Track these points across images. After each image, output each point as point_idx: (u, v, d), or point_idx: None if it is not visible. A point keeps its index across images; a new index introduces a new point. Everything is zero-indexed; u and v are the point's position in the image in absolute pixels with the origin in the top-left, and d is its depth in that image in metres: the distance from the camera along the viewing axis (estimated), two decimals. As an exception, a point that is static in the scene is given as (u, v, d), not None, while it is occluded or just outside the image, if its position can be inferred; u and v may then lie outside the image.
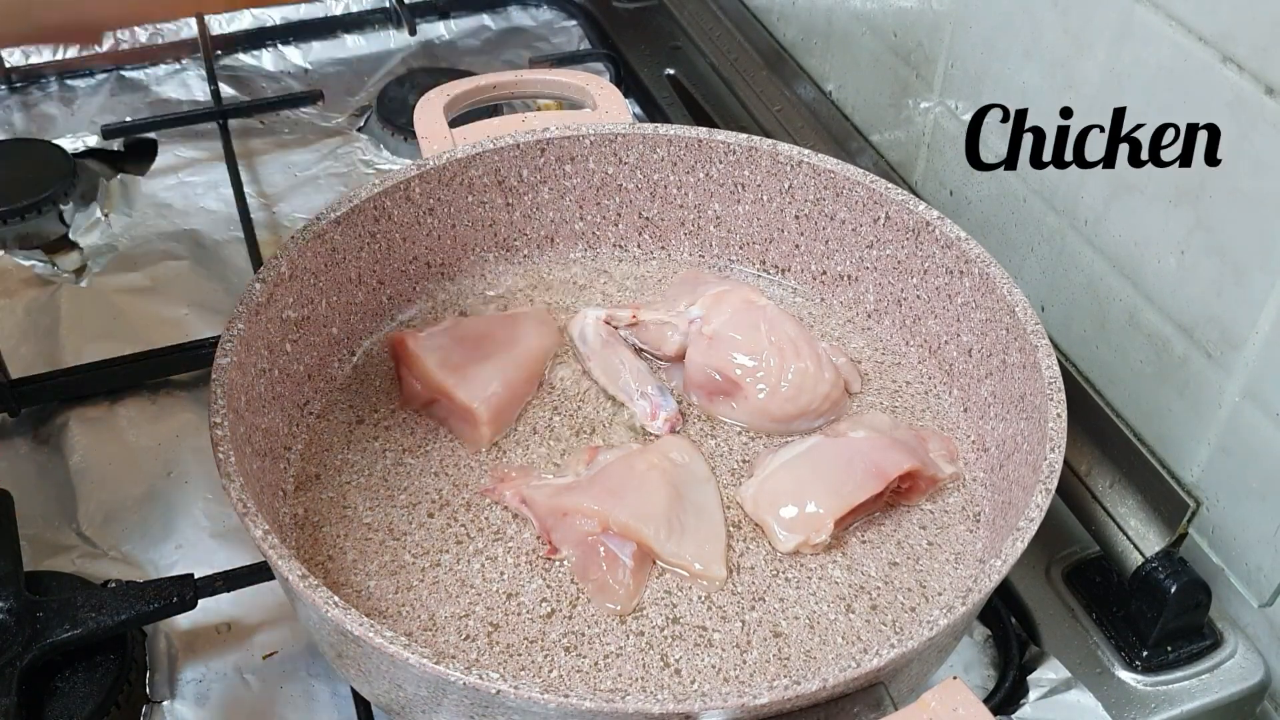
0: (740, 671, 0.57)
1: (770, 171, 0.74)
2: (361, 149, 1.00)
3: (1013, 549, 0.53)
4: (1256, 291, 0.61)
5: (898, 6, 0.86)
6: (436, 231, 0.74)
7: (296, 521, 0.63)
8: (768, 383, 0.67)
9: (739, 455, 0.67)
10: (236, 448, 0.56)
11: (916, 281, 0.71)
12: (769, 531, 0.63)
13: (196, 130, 1.00)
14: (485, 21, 1.15)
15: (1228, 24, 0.59)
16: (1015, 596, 0.68)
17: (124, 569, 0.68)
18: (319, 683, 0.64)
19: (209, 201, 0.94)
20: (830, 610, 0.60)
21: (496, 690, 0.47)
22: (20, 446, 0.76)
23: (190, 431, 0.76)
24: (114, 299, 0.86)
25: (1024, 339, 0.63)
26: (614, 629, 0.59)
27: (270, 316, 0.64)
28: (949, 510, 0.65)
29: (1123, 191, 0.68)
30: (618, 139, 0.75)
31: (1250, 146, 0.59)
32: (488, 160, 0.73)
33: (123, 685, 0.61)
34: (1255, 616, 0.67)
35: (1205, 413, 0.66)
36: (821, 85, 1.00)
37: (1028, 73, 0.74)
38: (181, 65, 1.07)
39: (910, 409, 0.70)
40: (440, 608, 0.59)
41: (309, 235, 0.67)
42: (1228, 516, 0.66)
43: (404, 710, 0.54)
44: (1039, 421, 0.60)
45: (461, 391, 0.66)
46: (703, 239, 0.78)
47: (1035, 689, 0.63)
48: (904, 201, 0.70)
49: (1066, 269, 0.74)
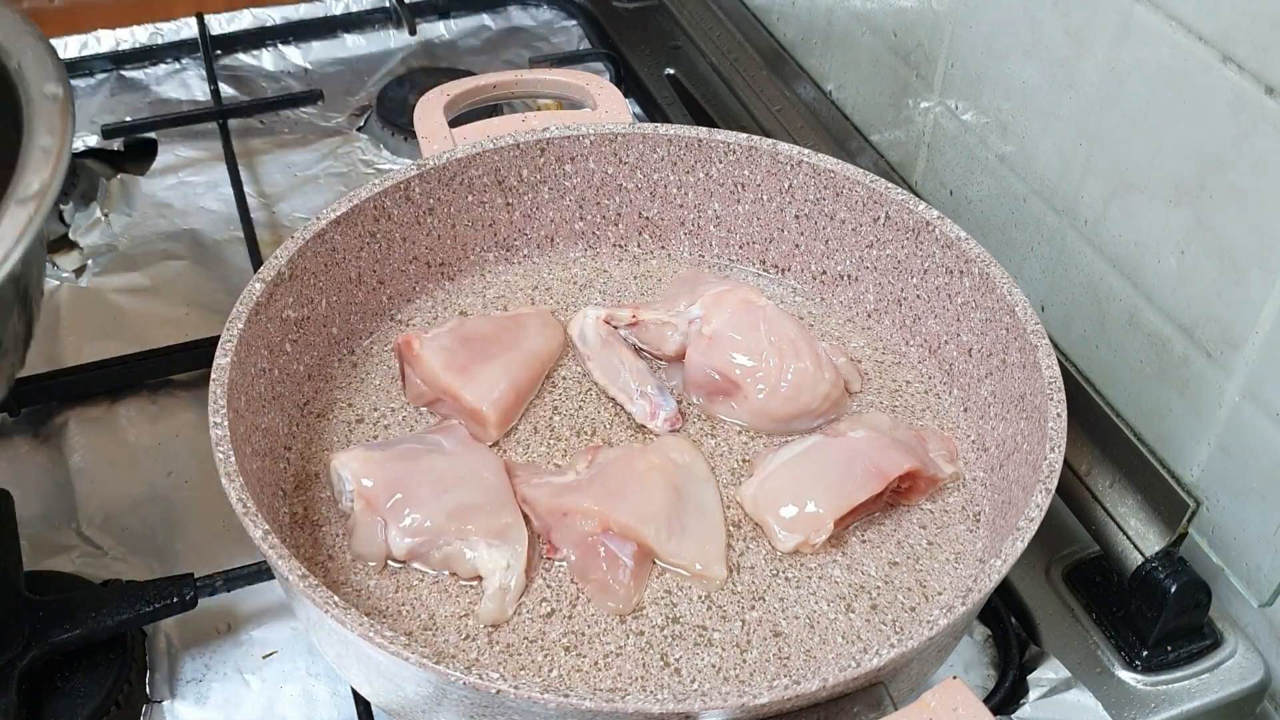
0: (740, 671, 0.57)
1: (770, 171, 0.74)
2: (361, 149, 1.00)
3: (1013, 549, 0.53)
4: (1256, 291, 0.61)
5: (898, 6, 0.86)
6: (436, 231, 0.74)
7: (296, 521, 0.63)
8: (767, 382, 0.67)
9: (739, 455, 0.67)
10: (236, 448, 0.56)
11: (916, 281, 0.71)
12: (769, 531, 0.63)
13: (196, 130, 1.00)
14: (485, 21, 1.15)
15: (1228, 24, 0.59)
16: (1015, 596, 0.68)
17: (124, 569, 0.68)
18: (319, 683, 0.64)
19: (209, 201, 0.94)
20: (830, 610, 0.60)
21: (496, 690, 0.47)
22: (20, 446, 0.76)
23: (190, 431, 0.76)
24: (114, 299, 0.86)
25: (1024, 339, 0.63)
26: (614, 629, 0.59)
27: (270, 316, 0.64)
28: (949, 510, 0.65)
29: (1123, 191, 0.68)
30: (618, 139, 0.75)
31: (1250, 146, 0.59)
32: (488, 160, 0.73)
33: (123, 685, 0.61)
34: (1255, 616, 0.67)
35: (1205, 413, 0.66)
36: (821, 85, 1.00)
37: (1028, 73, 0.74)
38: (181, 65, 1.07)
39: (910, 409, 0.70)
40: (440, 608, 0.59)
41: (309, 235, 0.67)
42: (1228, 516, 0.66)
43: (404, 710, 0.54)
44: (1039, 421, 0.60)
45: (468, 392, 0.66)
46: (703, 239, 0.78)
47: (1035, 689, 0.63)
48: (904, 201, 0.70)
49: (1066, 269, 0.74)
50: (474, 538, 0.59)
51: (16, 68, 0.54)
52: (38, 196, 0.48)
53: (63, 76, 0.53)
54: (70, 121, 0.51)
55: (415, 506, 0.60)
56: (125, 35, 1.07)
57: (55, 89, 0.52)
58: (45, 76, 0.53)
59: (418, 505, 0.60)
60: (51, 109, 0.52)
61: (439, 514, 0.60)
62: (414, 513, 0.60)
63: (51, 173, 0.49)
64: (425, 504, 0.60)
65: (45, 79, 0.53)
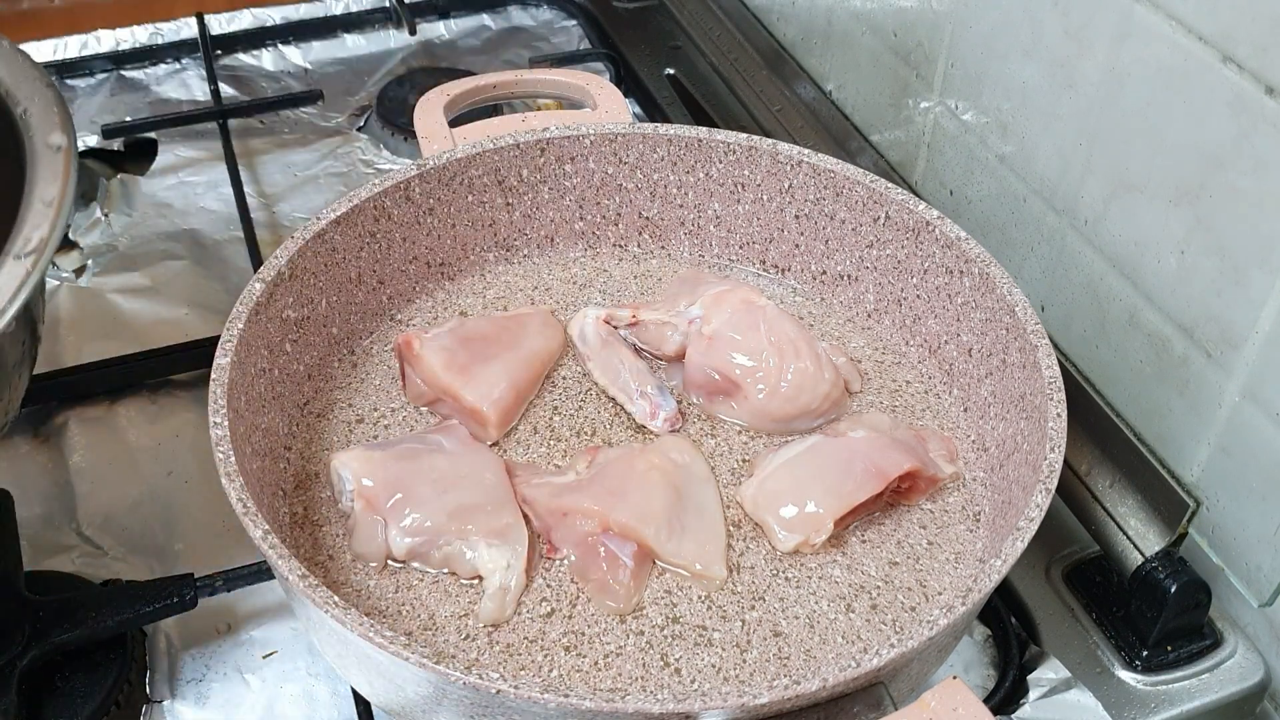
0: (740, 671, 0.57)
1: (770, 171, 0.74)
2: (361, 149, 1.00)
3: (1013, 549, 0.53)
4: (1256, 291, 0.61)
5: (898, 6, 0.86)
6: (436, 231, 0.74)
7: (296, 521, 0.63)
8: (767, 383, 0.67)
9: (739, 455, 0.67)
10: (236, 448, 0.56)
11: (916, 281, 0.71)
12: (769, 531, 0.63)
13: (196, 130, 1.00)
14: (485, 21, 1.15)
15: (1228, 24, 0.59)
16: (1015, 596, 0.68)
17: (124, 569, 0.68)
18: (319, 683, 0.64)
19: (209, 201, 0.94)
20: (830, 610, 0.60)
21: (496, 690, 0.47)
22: (20, 446, 0.76)
23: (190, 431, 0.76)
24: (114, 299, 0.86)
25: (1024, 339, 0.63)
26: (614, 629, 0.59)
27: (270, 316, 0.64)
28: (949, 510, 0.65)
29: (1123, 191, 0.68)
30: (618, 139, 0.75)
31: (1250, 146, 0.59)
32: (488, 160, 0.73)
33: (123, 685, 0.61)
34: (1255, 616, 0.67)
35: (1205, 413, 0.66)
36: (821, 85, 1.00)
37: (1028, 73, 0.74)
38: (181, 65, 1.07)
39: (910, 409, 0.70)
40: (440, 608, 0.59)
41: (309, 235, 0.67)
42: (1228, 516, 0.66)
43: (404, 710, 0.54)
44: (1039, 421, 0.60)
45: (469, 393, 0.66)
46: (703, 239, 0.78)
47: (1035, 689, 0.63)
48: (904, 201, 0.70)
49: (1066, 269, 0.74)
50: (474, 538, 0.59)
51: (23, 114, 0.54)
52: (36, 251, 0.48)
53: (68, 127, 0.53)
54: (73, 175, 0.51)
55: (415, 506, 0.60)
56: (125, 35, 1.07)
57: (60, 139, 0.53)
58: (51, 126, 0.53)
59: (418, 505, 0.60)
60: (55, 160, 0.52)
61: (439, 514, 0.60)
62: (414, 512, 0.60)
63: (51, 227, 0.49)
64: (425, 504, 0.60)
65: (51, 129, 0.53)
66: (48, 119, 0.54)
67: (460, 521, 0.60)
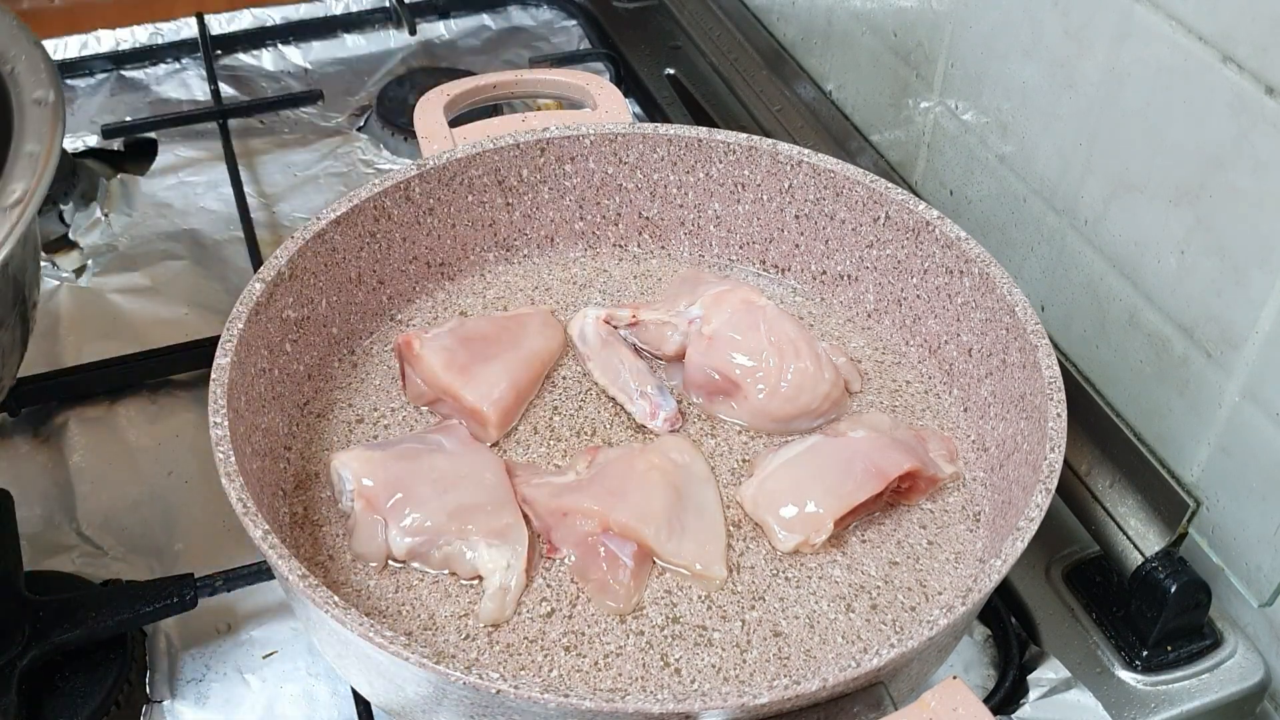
0: (740, 671, 0.57)
1: (770, 171, 0.74)
2: (361, 149, 1.00)
3: (1013, 549, 0.53)
4: (1256, 291, 0.61)
5: (898, 6, 0.86)
6: (436, 231, 0.74)
7: (296, 521, 0.63)
8: (767, 382, 0.67)
9: (739, 455, 0.67)
10: (236, 448, 0.56)
11: (916, 281, 0.71)
12: (769, 531, 0.63)
13: (196, 130, 1.00)
14: (485, 21, 1.15)
15: (1228, 24, 0.59)
16: (1015, 596, 0.68)
17: (124, 569, 0.68)
18: (319, 683, 0.64)
19: (209, 201, 0.94)
20: (830, 610, 0.60)
21: (496, 690, 0.47)
22: (20, 446, 0.76)
23: (190, 431, 0.76)
24: (114, 299, 0.86)
25: (1024, 339, 0.63)
26: (614, 629, 0.59)
27: (270, 316, 0.64)
28: (949, 510, 0.65)
29: (1123, 191, 0.68)
30: (618, 139, 0.75)
31: (1250, 146, 0.59)
32: (487, 160, 0.73)
33: (123, 685, 0.61)
34: (1255, 616, 0.67)
35: (1205, 412, 0.66)
36: (821, 85, 1.00)
37: (1028, 73, 0.74)
38: (181, 65, 1.07)
39: (910, 409, 0.70)
40: (440, 608, 0.59)
41: (309, 235, 0.67)
42: (1228, 516, 0.66)
43: (404, 710, 0.54)
44: (1039, 421, 0.60)
45: (469, 393, 0.66)
46: (703, 239, 0.78)
47: (1035, 689, 0.63)
48: (904, 201, 0.70)
49: (1066, 269, 0.74)
50: (474, 538, 0.59)
51: (10, 72, 0.54)
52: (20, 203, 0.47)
53: (55, 82, 0.53)
54: (60, 128, 0.51)
55: (415, 506, 0.60)
56: (125, 35, 1.07)
57: (45, 94, 0.52)
58: (37, 82, 0.53)
59: (418, 505, 0.60)
60: (41, 115, 0.51)
61: (439, 514, 0.60)
62: (414, 512, 0.60)
63: (36, 179, 0.48)
64: (425, 504, 0.60)
65: (36, 85, 0.53)
66: (34, 75, 0.53)
67: (460, 521, 0.60)
